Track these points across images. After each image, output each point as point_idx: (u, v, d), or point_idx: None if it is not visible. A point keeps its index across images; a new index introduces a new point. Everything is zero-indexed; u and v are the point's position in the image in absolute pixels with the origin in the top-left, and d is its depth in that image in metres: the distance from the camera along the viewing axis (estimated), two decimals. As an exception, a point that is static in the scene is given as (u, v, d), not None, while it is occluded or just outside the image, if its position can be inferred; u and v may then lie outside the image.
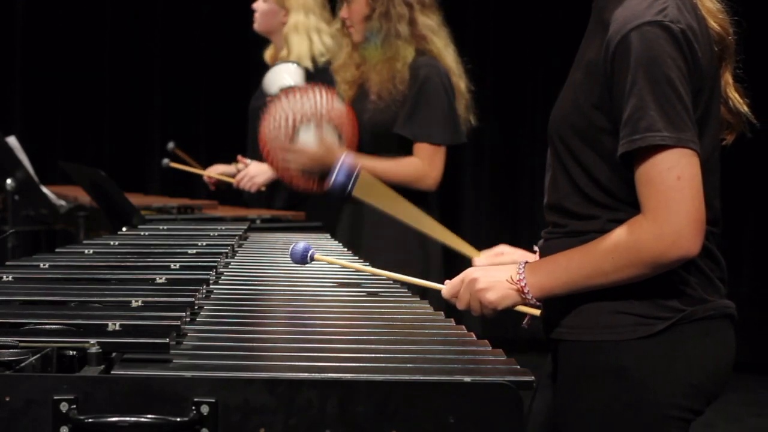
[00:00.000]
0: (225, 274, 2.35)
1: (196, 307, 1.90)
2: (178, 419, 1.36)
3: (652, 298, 1.98)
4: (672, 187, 1.89)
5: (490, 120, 6.52)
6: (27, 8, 7.02)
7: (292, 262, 2.33)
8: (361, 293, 2.20)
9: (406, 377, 1.45)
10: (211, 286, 2.14)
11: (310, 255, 2.30)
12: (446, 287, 2.14)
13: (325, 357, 1.58)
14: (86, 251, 2.54)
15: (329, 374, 1.45)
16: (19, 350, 1.49)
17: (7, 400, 1.36)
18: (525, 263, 2.04)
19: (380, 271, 2.31)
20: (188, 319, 1.77)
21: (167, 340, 1.51)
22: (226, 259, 2.52)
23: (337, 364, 1.52)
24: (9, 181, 4.24)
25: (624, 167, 1.95)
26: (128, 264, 2.33)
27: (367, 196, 2.58)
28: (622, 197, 1.98)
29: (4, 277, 2.11)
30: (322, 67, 4.24)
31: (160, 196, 5.81)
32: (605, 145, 1.98)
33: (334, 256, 2.49)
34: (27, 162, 4.48)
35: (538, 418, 2.21)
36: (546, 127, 2.11)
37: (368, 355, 1.60)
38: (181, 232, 3.14)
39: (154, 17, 7.11)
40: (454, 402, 1.39)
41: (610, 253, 1.94)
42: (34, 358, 1.48)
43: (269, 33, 4.52)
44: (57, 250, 2.59)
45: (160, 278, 2.11)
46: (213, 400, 1.37)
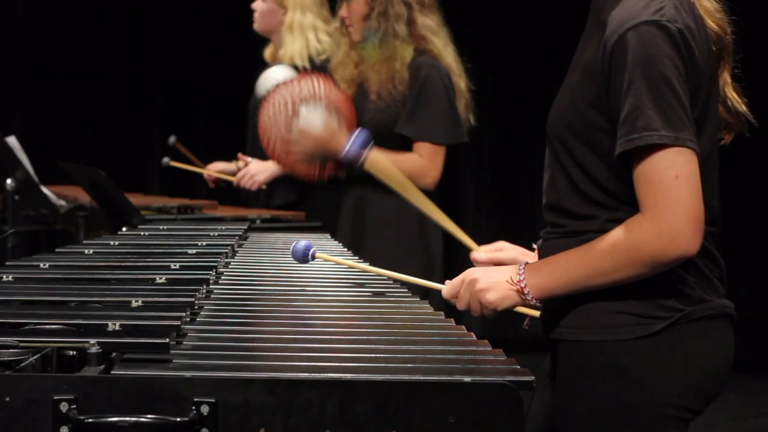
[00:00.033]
0: (225, 274, 2.35)
1: (196, 307, 1.90)
2: (178, 419, 1.36)
3: (651, 298, 1.98)
4: (670, 186, 1.89)
5: (490, 120, 6.53)
6: (27, 8, 7.01)
7: (293, 261, 2.33)
8: (362, 293, 2.20)
9: (406, 377, 1.45)
10: (211, 286, 2.14)
11: (311, 253, 2.30)
12: (446, 287, 2.14)
13: (325, 357, 1.58)
14: (86, 251, 2.54)
15: (329, 374, 1.45)
16: (19, 350, 1.49)
17: (7, 400, 1.37)
18: (525, 264, 2.04)
19: (381, 271, 2.31)
20: (188, 319, 1.77)
21: (167, 340, 1.51)
22: (226, 259, 2.52)
23: (337, 364, 1.52)
24: (9, 181, 4.24)
25: (622, 167, 1.95)
26: (128, 264, 2.33)
27: (377, 172, 2.58)
28: (621, 197, 1.98)
29: (4, 277, 2.11)
30: (320, 65, 4.23)
31: (160, 196, 5.81)
32: (603, 144, 1.98)
33: (335, 256, 2.49)
34: (27, 162, 4.48)
35: (537, 418, 2.21)
36: (545, 127, 2.11)
37: (368, 355, 1.60)
38: (181, 232, 3.14)
39: (154, 17, 7.11)
40: (454, 402, 1.39)
41: (610, 252, 1.94)
42: (34, 358, 1.48)
43: (269, 32, 4.52)
44: (57, 250, 2.59)
45: (160, 278, 2.11)
46: (213, 400, 1.37)
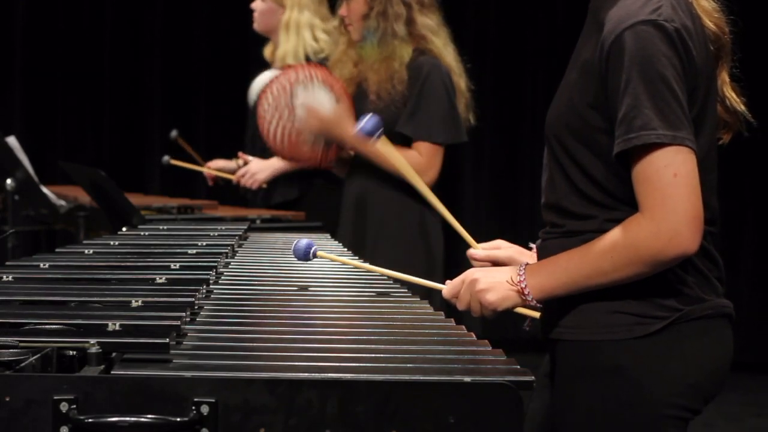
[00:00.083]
0: (225, 274, 2.35)
1: (196, 307, 1.89)
2: (178, 419, 1.36)
3: (650, 298, 1.98)
4: (669, 184, 1.89)
5: (490, 120, 6.53)
6: (27, 8, 7.01)
7: (293, 261, 2.33)
8: (362, 293, 2.20)
9: (406, 377, 1.45)
10: (211, 286, 2.14)
11: (312, 252, 2.29)
12: (447, 287, 2.14)
13: (325, 357, 1.58)
14: (86, 251, 2.54)
15: (329, 374, 1.45)
16: (19, 350, 1.49)
17: (7, 400, 1.36)
18: (525, 265, 2.04)
19: (382, 270, 2.31)
20: (188, 319, 1.77)
21: (167, 340, 1.51)
22: (226, 259, 2.52)
23: (337, 364, 1.52)
24: (9, 181, 4.24)
25: (620, 166, 1.95)
26: (128, 264, 2.32)
27: (389, 153, 2.58)
28: (619, 196, 1.98)
29: (4, 277, 2.11)
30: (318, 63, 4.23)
31: (160, 196, 5.81)
32: (601, 144, 1.98)
33: (335, 254, 2.49)
34: (27, 162, 4.48)
35: (536, 418, 2.21)
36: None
37: (368, 355, 1.60)
38: (181, 232, 3.14)
39: (154, 17, 7.11)
40: (454, 402, 1.39)
41: (609, 252, 1.94)
42: (34, 358, 1.48)
43: (269, 32, 4.52)
44: (57, 250, 2.59)
45: (160, 278, 2.11)
46: (213, 400, 1.37)
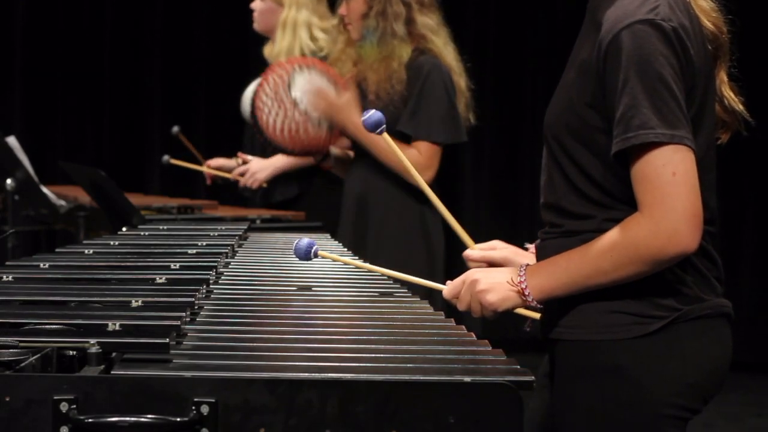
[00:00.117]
0: (225, 274, 2.35)
1: (196, 307, 1.89)
2: (178, 419, 1.36)
3: (648, 297, 1.98)
4: (668, 183, 1.89)
5: (490, 120, 6.52)
6: (27, 8, 7.02)
7: (293, 261, 2.33)
8: (362, 293, 2.20)
9: (406, 377, 1.45)
10: (211, 286, 2.14)
11: (314, 251, 2.29)
12: (447, 288, 2.14)
13: (326, 357, 1.58)
14: (86, 251, 2.54)
15: (329, 374, 1.45)
16: (19, 350, 1.49)
17: (7, 400, 1.36)
18: (526, 265, 2.04)
19: (383, 271, 2.30)
20: (188, 319, 1.77)
21: (167, 340, 1.51)
22: (226, 259, 2.52)
23: (337, 364, 1.52)
24: (9, 181, 4.24)
25: (618, 166, 1.95)
26: (128, 264, 2.32)
27: (391, 149, 2.57)
28: (618, 195, 1.98)
29: (4, 277, 2.11)
30: None
31: (160, 196, 5.81)
32: (600, 143, 1.98)
33: (336, 254, 2.49)
34: (27, 162, 4.48)
35: (536, 418, 2.21)
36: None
37: (368, 355, 1.60)
38: (181, 232, 3.14)
39: (154, 17, 7.11)
40: (454, 402, 1.39)
41: (609, 251, 1.94)
42: (34, 358, 1.48)
43: (269, 31, 4.51)
44: (57, 250, 2.59)
45: (160, 278, 2.11)
46: (213, 400, 1.37)
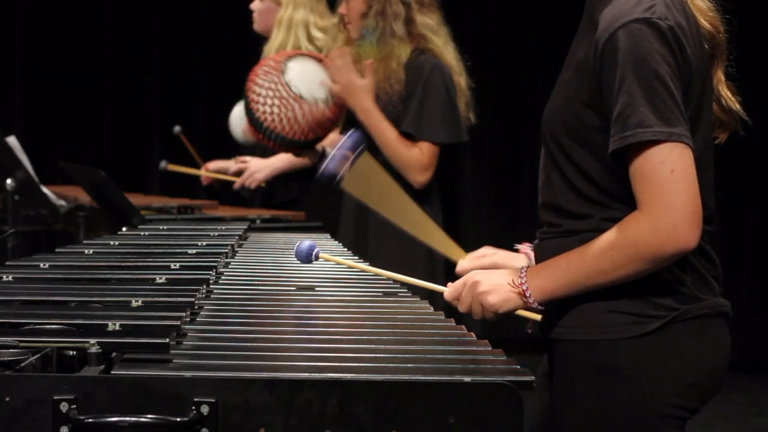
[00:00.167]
0: (225, 274, 2.35)
1: (196, 307, 1.89)
2: (178, 419, 1.36)
3: (647, 297, 1.98)
4: (666, 180, 1.89)
5: (490, 120, 6.52)
6: (27, 8, 7.01)
7: (293, 261, 2.33)
8: (362, 293, 2.20)
9: (406, 377, 1.45)
10: (211, 286, 2.14)
11: (315, 254, 2.29)
12: (448, 290, 2.14)
13: (326, 357, 1.58)
14: (86, 251, 2.54)
15: (329, 374, 1.45)
16: (19, 350, 1.49)
17: (7, 400, 1.36)
18: (527, 267, 2.04)
19: (383, 272, 2.30)
20: (188, 319, 1.77)
21: (167, 340, 1.51)
22: (226, 259, 2.52)
23: (337, 364, 1.52)
24: (9, 181, 4.24)
25: (616, 164, 1.95)
26: (128, 264, 2.32)
27: (357, 189, 2.50)
28: (616, 194, 1.98)
29: (4, 277, 2.11)
30: None
31: (160, 196, 5.80)
32: (597, 142, 1.98)
33: (337, 256, 2.49)
34: (27, 162, 4.48)
35: (535, 418, 2.21)
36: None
37: (368, 355, 1.60)
38: (181, 232, 3.14)
39: (154, 17, 7.11)
40: (454, 402, 1.39)
41: (609, 251, 1.94)
42: (34, 358, 1.48)
43: (268, 32, 4.51)
44: (57, 250, 2.59)
45: (160, 278, 2.11)
46: (213, 400, 1.37)
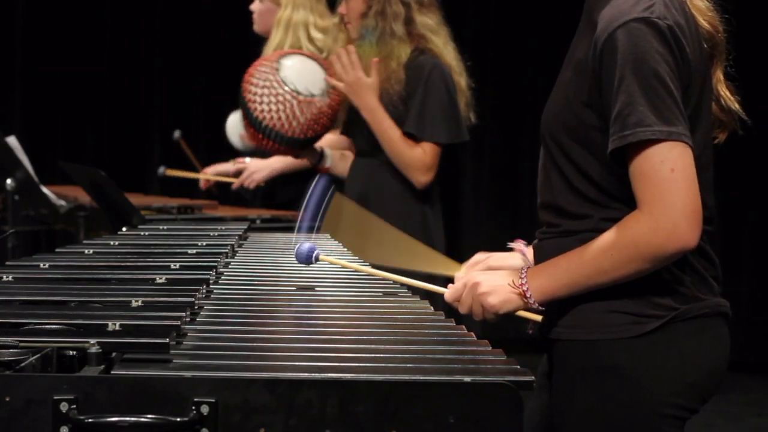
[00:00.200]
0: (225, 274, 2.35)
1: (196, 307, 1.89)
2: (178, 419, 1.36)
3: (646, 297, 1.98)
4: (666, 179, 1.89)
5: (490, 120, 6.52)
6: (27, 8, 7.01)
7: (293, 261, 2.33)
8: (362, 293, 2.20)
9: (406, 377, 1.45)
10: (211, 286, 2.14)
11: (315, 255, 2.29)
12: (449, 291, 2.14)
13: (325, 357, 1.58)
14: (86, 251, 2.54)
15: (329, 374, 1.45)
16: (19, 350, 1.49)
17: (7, 400, 1.36)
18: (527, 267, 2.04)
19: (384, 274, 2.30)
20: (188, 319, 1.77)
21: (167, 340, 1.51)
22: (226, 259, 2.52)
23: (337, 364, 1.52)
24: (9, 181, 4.24)
25: (616, 164, 1.95)
26: (128, 264, 2.32)
27: (336, 232, 2.45)
28: (615, 194, 1.98)
29: (4, 277, 2.11)
30: None
31: (160, 196, 5.80)
32: (596, 142, 1.98)
33: (337, 257, 2.49)
34: (27, 162, 4.48)
35: (534, 418, 2.21)
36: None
37: (368, 355, 1.60)
38: (181, 232, 3.14)
39: (154, 17, 7.11)
40: (454, 402, 1.39)
41: (609, 250, 1.94)
42: (34, 358, 1.47)
43: (268, 32, 4.50)
44: (57, 250, 2.59)
45: (160, 278, 2.11)
46: (213, 400, 1.37)
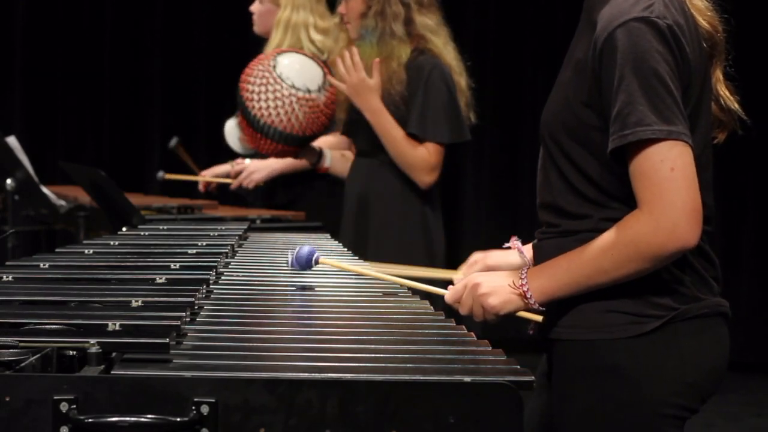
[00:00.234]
0: (225, 274, 2.35)
1: (196, 307, 1.89)
2: (178, 419, 1.36)
3: (646, 297, 1.98)
4: (666, 178, 1.89)
5: (490, 120, 6.52)
6: (27, 8, 7.01)
7: (295, 267, 2.32)
8: (362, 293, 2.20)
9: (406, 377, 1.45)
10: (211, 286, 2.14)
11: (314, 259, 2.29)
12: (449, 292, 2.14)
13: (325, 357, 1.58)
14: (86, 251, 2.54)
15: (329, 374, 1.45)
16: (19, 350, 1.49)
17: (7, 400, 1.36)
18: (527, 268, 2.04)
19: (384, 275, 2.29)
20: (188, 319, 1.77)
21: (167, 340, 1.51)
22: (226, 259, 2.52)
23: (337, 364, 1.52)
24: (9, 181, 4.24)
25: (615, 163, 1.95)
26: (128, 264, 2.32)
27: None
28: (615, 194, 1.98)
29: (4, 277, 2.11)
30: None
31: (160, 196, 5.80)
32: (596, 142, 1.98)
33: (337, 258, 2.49)
34: (27, 162, 4.48)
35: (534, 418, 2.21)
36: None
37: (368, 355, 1.60)
38: (181, 232, 3.14)
39: (154, 17, 7.11)
40: (454, 402, 1.39)
41: (610, 250, 1.94)
42: (34, 358, 1.48)
43: (268, 33, 4.51)
44: (57, 250, 2.59)
45: (160, 278, 2.11)
46: (213, 400, 1.37)
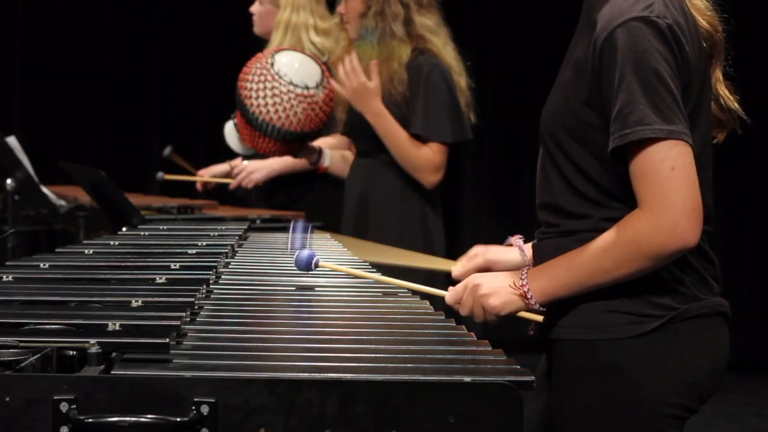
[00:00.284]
0: (225, 274, 2.34)
1: (196, 307, 1.89)
2: (178, 419, 1.36)
3: (645, 297, 1.98)
4: (666, 178, 1.89)
5: (490, 119, 6.52)
6: (27, 8, 7.02)
7: (293, 261, 2.32)
8: (362, 293, 2.20)
9: (406, 377, 1.44)
10: (211, 286, 2.14)
11: (314, 262, 2.29)
12: (449, 293, 2.14)
13: (325, 357, 1.58)
14: (86, 251, 2.54)
15: (329, 374, 1.44)
16: (19, 350, 1.49)
17: (7, 400, 1.36)
18: (528, 268, 2.04)
19: (384, 278, 2.29)
20: (188, 319, 1.77)
21: (167, 340, 1.51)
22: (226, 259, 2.52)
23: (337, 364, 1.52)
24: (9, 181, 4.24)
25: (615, 162, 1.95)
26: (128, 264, 2.32)
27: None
28: (615, 193, 1.98)
29: (4, 277, 2.10)
30: None
31: (160, 196, 5.80)
32: (596, 141, 1.98)
33: (336, 259, 2.49)
34: (27, 162, 4.47)
35: (534, 418, 2.21)
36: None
37: (368, 355, 1.60)
38: (181, 232, 3.14)
39: (154, 17, 7.11)
40: (454, 402, 1.39)
41: (610, 249, 1.94)
42: (34, 358, 1.47)
43: (268, 34, 4.51)
44: (57, 250, 2.59)
45: (160, 278, 2.11)
46: (213, 400, 1.37)
